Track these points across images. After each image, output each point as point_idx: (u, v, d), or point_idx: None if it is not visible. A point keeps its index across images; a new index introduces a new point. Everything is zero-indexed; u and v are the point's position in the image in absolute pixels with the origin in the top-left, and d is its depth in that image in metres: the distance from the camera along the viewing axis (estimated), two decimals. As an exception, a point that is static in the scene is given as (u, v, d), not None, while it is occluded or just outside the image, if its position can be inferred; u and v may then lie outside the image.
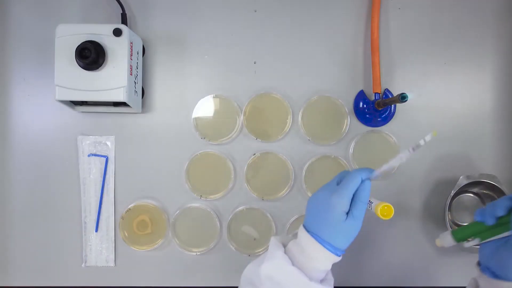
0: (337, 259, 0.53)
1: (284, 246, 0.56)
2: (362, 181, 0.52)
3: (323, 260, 0.52)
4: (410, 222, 0.77)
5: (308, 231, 0.53)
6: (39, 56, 0.77)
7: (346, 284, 0.73)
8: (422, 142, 0.51)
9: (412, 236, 0.77)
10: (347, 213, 0.51)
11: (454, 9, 0.78)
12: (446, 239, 0.60)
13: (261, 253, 0.76)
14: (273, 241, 0.56)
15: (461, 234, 0.59)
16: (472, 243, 0.58)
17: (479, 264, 0.58)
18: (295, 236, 0.56)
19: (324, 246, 0.51)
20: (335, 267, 0.76)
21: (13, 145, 0.78)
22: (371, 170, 0.53)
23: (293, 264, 0.52)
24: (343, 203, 0.51)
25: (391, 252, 0.77)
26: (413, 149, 0.51)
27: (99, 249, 0.77)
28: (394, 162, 0.52)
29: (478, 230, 0.56)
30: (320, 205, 0.53)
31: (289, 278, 0.51)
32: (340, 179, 0.54)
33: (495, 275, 0.53)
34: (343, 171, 0.57)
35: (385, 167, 0.53)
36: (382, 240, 0.77)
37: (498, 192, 0.73)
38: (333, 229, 0.51)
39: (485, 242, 0.56)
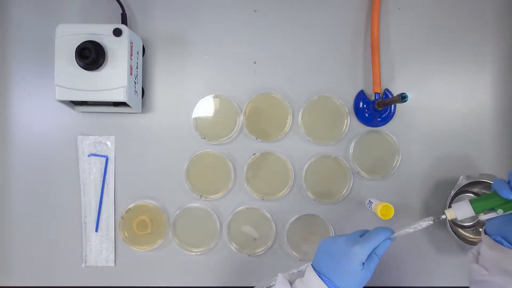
0: None
1: (291, 283, 0.56)
2: (384, 241, 0.55)
3: None
4: (410, 222, 0.77)
5: (318, 273, 0.54)
6: (39, 56, 0.77)
7: None
8: (443, 216, 0.56)
9: (412, 236, 0.77)
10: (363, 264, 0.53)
11: (454, 9, 0.78)
12: (462, 210, 0.56)
13: (261, 253, 0.76)
14: (280, 278, 0.57)
15: (481, 205, 0.56)
16: (490, 215, 0.55)
17: (484, 233, 0.57)
18: (301, 274, 0.57)
19: None
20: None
21: (13, 145, 0.78)
22: (392, 232, 0.56)
23: None
24: (363, 254, 0.53)
25: (390, 252, 0.77)
26: (433, 221, 0.56)
27: (99, 249, 0.77)
28: (413, 228, 0.57)
29: (500, 202, 0.54)
30: (338, 251, 0.54)
31: None
32: (362, 234, 0.56)
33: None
34: (364, 230, 0.58)
35: (403, 232, 0.57)
36: (382, 240, 0.77)
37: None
38: (348, 276, 0.53)
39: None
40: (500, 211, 0.54)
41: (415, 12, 0.78)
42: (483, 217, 0.56)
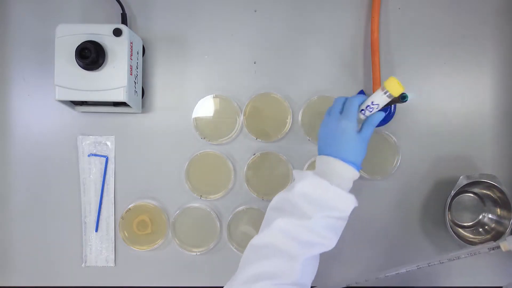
0: (357, 174, 0.58)
1: None
2: (378, 111, 0.60)
3: (346, 173, 0.57)
4: (410, 222, 0.77)
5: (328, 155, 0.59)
6: (39, 56, 0.77)
7: (345, 284, 0.73)
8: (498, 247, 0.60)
9: (412, 236, 0.77)
10: (357, 133, 0.59)
11: (454, 9, 0.78)
12: None
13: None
14: (297, 170, 0.61)
15: None
16: None
17: None
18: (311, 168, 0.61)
19: (345, 161, 0.57)
20: (335, 267, 0.76)
21: (13, 145, 0.78)
22: (363, 96, 0.61)
23: None
24: (351, 125, 0.58)
25: (390, 251, 0.77)
26: (489, 250, 0.60)
27: (99, 249, 0.77)
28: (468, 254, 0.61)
29: None
30: (332, 131, 0.59)
31: (323, 191, 0.55)
32: (338, 107, 0.61)
33: None
34: (337, 98, 0.63)
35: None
36: (381, 239, 0.77)
37: (498, 192, 0.73)
38: (347, 146, 0.58)
39: None
40: None
41: (415, 12, 0.78)
42: None
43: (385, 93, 0.58)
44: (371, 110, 0.60)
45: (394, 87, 0.57)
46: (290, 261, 0.53)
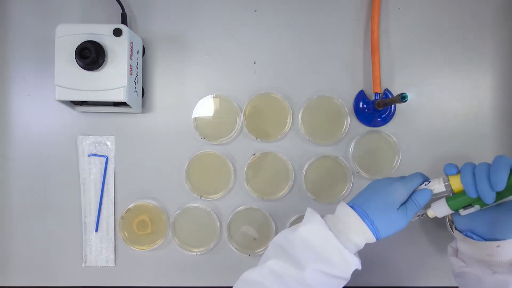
0: (372, 239, 0.54)
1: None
2: (424, 189, 0.55)
3: (359, 233, 0.53)
4: (409, 222, 0.77)
5: (351, 205, 0.55)
6: (39, 56, 0.77)
7: (345, 284, 0.73)
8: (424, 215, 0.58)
9: (411, 236, 0.77)
10: (401, 206, 0.54)
11: (454, 9, 0.78)
12: (441, 209, 0.57)
13: (261, 253, 0.76)
14: (310, 210, 0.57)
15: (457, 203, 0.56)
16: (468, 210, 0.55)
17: (455, 229, 0.58)
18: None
19: (365, 221, 0.53)
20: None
21: (13, 145, 0.78)
22: (426, 177, 0.57)
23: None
24: (402, 191, 0.54)
25: (390, 251, 0.77)
26: (418, 217, 0.58)
27: (99, 249, 0.77)
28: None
29: (474, 198, 0.54)
30: (380, 189, 0.55)
31: (324, 243, 0.52)
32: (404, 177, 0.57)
33: (483, 238, 0.54)
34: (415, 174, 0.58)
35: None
36: (381, 240, 0.77)
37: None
38: (382, 211, 0.53)
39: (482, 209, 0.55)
40: (477, 207, 0.55)
41: (415, 12, 0.78)
42: (463, 212, 0.56)
43: (445, 184, 0.56)
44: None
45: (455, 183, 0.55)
46: None
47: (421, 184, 0.57)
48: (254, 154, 0.76)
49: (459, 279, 0.58)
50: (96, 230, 0.77)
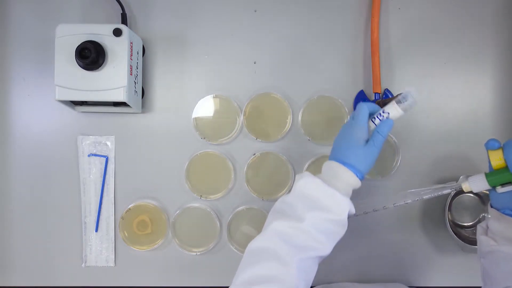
0: (358, 183, 0.58)
1: None
2: (386, 119, 0.59)
3: (346, 178, 0.57)
4: (410, 222, 0.77)
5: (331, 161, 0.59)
6: (39, 56, 0.77)
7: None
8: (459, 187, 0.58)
9: (412, 236, 0.77)
10: (367, 141, 0.58)
11: (454, 9, 0.78)
12: (478, 183, 0.57)
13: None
14: (299, 174, 0.60)
15: (496, 179, 0.55)
16: (507, 188, 0.55)
17: (490, 206, 0.58)
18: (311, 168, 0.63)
19: (346, 166, 0.57)
20: (335, 265, 0.76)
21: (13, 145, 0.78)
22: (377, 106, 0.60)
23: None
24: (358, 132, 0.58)
25: (391, 252, 0.77)
26: (451, 190, 0.59)
27: (99, 249, 0.77)
28: (429, 193, 0.61)
29: None
30: (343, 138, 0.60)
31: (317, 191, 0.56)
32: (354, 113, 0.61)
33: None
34: (359, 103, 0.61)
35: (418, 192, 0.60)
36: (382, 239, 0.77)
37: (498, 192, 0.73)
38: (354, 152, 0.57)
39: None
40: None
41: (415, 12, 0.78)
42: (500, 190, 0.56)
43: (398, 104, 0.57)
44: (381, 118, 0.59)
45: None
46: (285, 265, 0.52)
47: (370, 114, 0.59)
48: (254, 154, 0.76)
49: (486, 258, 0.57)
50: (96, 230, 0.77)
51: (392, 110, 0.58)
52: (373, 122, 0.59)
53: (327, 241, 0.55)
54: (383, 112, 0.58)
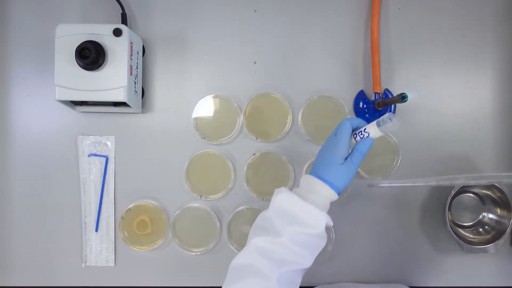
0: (335, 196, 0.58)
1: None
2: (367, 138, 0.58)
3: (322, 192, 0.57)
4: (410, 222, 0.77)
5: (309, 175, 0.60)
6: (39, 56, 0.77)
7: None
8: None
9: (412, 236, 0.77)
10: (346, 159, 0.58)
11: (454, 9, 0.78)
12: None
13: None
14: (277, 189, 0.61)
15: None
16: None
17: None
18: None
19: (323, 181, 0.57)
20: (335, 265, 0.76)
21: (13, 145, 0.78)
22: (361, 121, 0.60)
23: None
24: (339, 149, 0.58)
25: (391, 252, 0.77)
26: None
27: (99, 249, 0.77)
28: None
29: None
30: (324, 153, 0.60)
31: (294, 206, 0.56)
32: (337, 128, 0.61)
33: None
34: (343, 120, 0.61)
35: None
36: (382, 240, 0.77)
37: (498, 192, 0.73)
38: (333, 170, 0.58)
39: None
40: None
41: (415, 12, 0.78)
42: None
43: (378, 126, 0.57)
44: (361, 136, 0.59)
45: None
46: (266, 280, 0.53)
47: (353, 129, 0.60)
48: (254, 154, 0.76)
49: None
50: (96, 230, 0.77)
51: (372, 130, 0.58)
52: (355, 138, 0.60)
53: (307, 254, 0.56)
54: (364, 131, 0.59)
